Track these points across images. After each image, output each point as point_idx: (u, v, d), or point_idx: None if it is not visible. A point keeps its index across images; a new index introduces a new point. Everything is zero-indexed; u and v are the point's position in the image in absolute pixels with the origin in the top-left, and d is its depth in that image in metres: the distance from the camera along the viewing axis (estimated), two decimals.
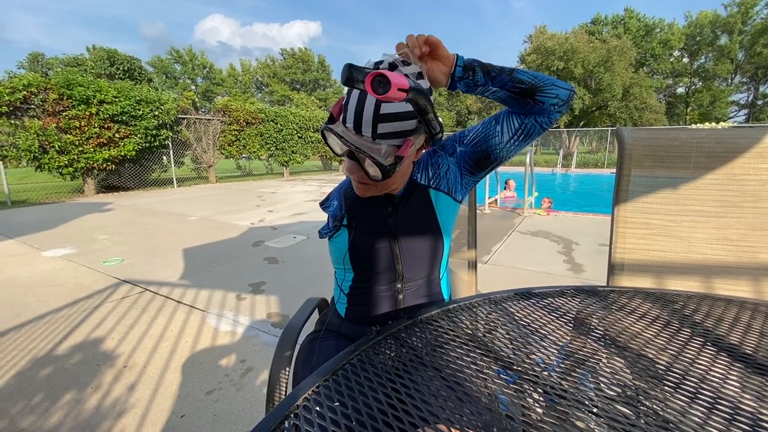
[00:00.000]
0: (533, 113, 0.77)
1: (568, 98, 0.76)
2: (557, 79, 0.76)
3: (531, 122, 0.78)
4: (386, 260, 0.85)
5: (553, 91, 0.74)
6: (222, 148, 11.92)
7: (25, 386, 1.75)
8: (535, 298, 0.81)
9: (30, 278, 3.20)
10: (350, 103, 0.69)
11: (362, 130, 0.68)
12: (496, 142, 0.81)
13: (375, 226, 0.85)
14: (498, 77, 0.73)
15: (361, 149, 0.68)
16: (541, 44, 26.08)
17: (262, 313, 2.51)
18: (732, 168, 1.16)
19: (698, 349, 0.61)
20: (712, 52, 31.62)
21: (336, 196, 0.94)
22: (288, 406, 0.46)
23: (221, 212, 6.39)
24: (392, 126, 0.68)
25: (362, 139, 0.69)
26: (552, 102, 0.75)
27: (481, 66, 0.73)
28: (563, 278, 3.19)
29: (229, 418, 1.54)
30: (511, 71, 0.74)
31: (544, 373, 0.54)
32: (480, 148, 0.84)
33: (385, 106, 0.67)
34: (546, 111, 0.76)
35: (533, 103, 0.75)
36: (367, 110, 0.67)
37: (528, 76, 0.74)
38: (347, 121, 0.69)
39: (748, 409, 0.47)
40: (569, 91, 0.76)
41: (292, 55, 44.62)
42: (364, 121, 0.67)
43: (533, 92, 0.74)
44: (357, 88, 0.59)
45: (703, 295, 0.85)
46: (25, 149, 7.33)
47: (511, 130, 0.80)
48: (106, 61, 25.25)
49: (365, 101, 0.67)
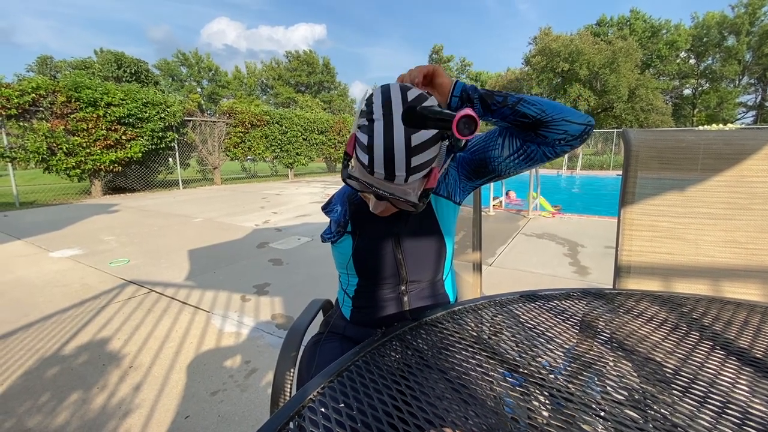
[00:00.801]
0: (536, 143, 0.72)
1: (580, 134, 0.69)
2: (573, 112, 0.69)
3: (534, 148, 0.73)
4: (390, 265, 0.85)
5: (561, 127, 0.68)
6: (227, 150, 11.99)
7: (32, 386, 1.76)
8: (540, 301, 0.80)
9: (38, 278, 3.23)
10: (375, 144, 0.63)
11: (395, 173, 0.64)
12: (495, 154, 0.78)
13: (379, 232, 0.85)
14: (498, 110, 0.69)
15: (393, 194, 0.65)
16: (546, 46, 26.03)
17: (267, 315, 2.51)
18: (741, 170, 1.15)
19: (707, 353, 0.60)
20: (719, 54, 31.35)
21: (339, 201, 0.93)
22: (294, 406, 0.46)
23: (226, 214, 6.43)
24: (422, 157, 0.64)
25: (394, 185, 0.66)
26: (557, 137, 0.69)
27: (480, 97, 0.68)
28: (569, 281, 3.16)
29: (234, 419, 1.55)
30: (515, 102, 0.68)
31: (551, 376, 0.54)
32: (479, 156, 0.81)
33: (415, 137, 0.63)
34: (550, 144, 0.71)
35: (535, 136, 0.71)
36: (398, 148, 0.63)
37: (534, 110, 0.68)
38: (375, 166, 0.64)
39: (759, 414, 0.46)
40: (584, 125, 0.69)
41: (297, 58, 44.84)
42: (396, 165, 0.63)
43: (537, 127, 0.69)
44: (428, 128, 0.58)
45: (711, 298, 0.84)
46: (34, 151, 7.42)
47: (512, 147, 0.75)
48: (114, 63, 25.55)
49: (393, 139, 0.63)
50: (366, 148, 0.65)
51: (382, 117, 0.64)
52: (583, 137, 0.70)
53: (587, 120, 0.69)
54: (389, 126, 0.63)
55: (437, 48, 46.24)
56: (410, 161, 0.63)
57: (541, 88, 28.44)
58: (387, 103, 0.64)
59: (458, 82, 0.70)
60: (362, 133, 0.66)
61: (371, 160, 0.64)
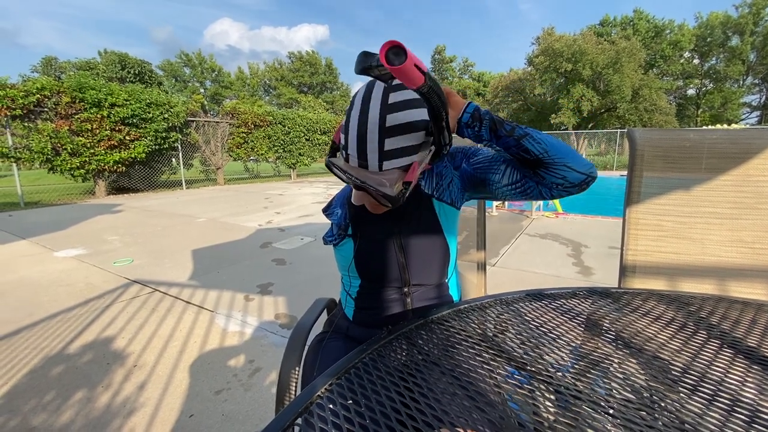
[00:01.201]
0: (535, 181, 0.71)
1: (579, 183, 0.68)
2: (577, 159, 0.67)
3: (532, 185, 0.72)
4: (393, 269, 0.85)
5: (560, 171, 0.67)
6: (230, 151, 12.03)
7: (38, 384, 1.77)
8: (547, 299, 0.80)
9: (42, 278, 3.25)
10: (351, 124, 0.65)
11: (367, 157, 0.64)
12: (494, 179, 0.77)
13: (380, 235, 0.85)
14: (504, 139, 0.68)
15: (366, 182, 0.64)
16: (549, 46, 25.95)
17: (270, 314, 2.52)
18: (747, 169, 1.14)
19: (715, 352, 0.60)
20: (723, 54, 31.20)
21: (339, 204, 0.92)
22: (302, 403, 0.46)
23: (229, 214, 6.44)
24: (398, 141, 0.63)
25: (367, 172, 0.65)
26: (555, 181, 0.68)
27: (490, 122, 0.68)
28: (573, 281, 3.15)
29: (238, 418, 1.55)
30: (521, 135, 0.67)
31: (558, 374, 0.53)
32: (480, 175, 0.80)
33: (391, 117, 0.62)
34: (547, 185, 0.70)
35: (533, 174, 0.70)
36: (371, 128, 0.63)
37: (538, 148, 0.67)
38: (349, 148, 0.65)
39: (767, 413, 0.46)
40: (585, 175, 0.67)
41: (299, 59, 44.93)
42: (369, 146, 0.63)
43: (537, 165, 0.68)
44: (373, 75, 0.55)
45: (718, 298, 0.83)
46: (38, 151, 7.47)
47: (511, 178, 0.74)
48: (118, 64, 25.69)
49: (368, 119, 0.63)
50: (344, 127, 0.66)
51: (361, 100, 0.66)
52: (582, 187, 0.69)
53: (589, 171, 0.68)
54: (365, 108, 0.64)
55: (440, 48, 46.22)
56: (383, 143, 0.63)
57: (544, 88, 28.37)
58: (369, 86, 0.66)
59: (471, 102, 0.70)
60: (345, 120, 0.68)
61: (346, 143, 0.65)
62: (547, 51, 26.14)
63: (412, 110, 0.64)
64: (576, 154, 0.68)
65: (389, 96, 0.64)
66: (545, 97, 30.00)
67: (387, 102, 0.64)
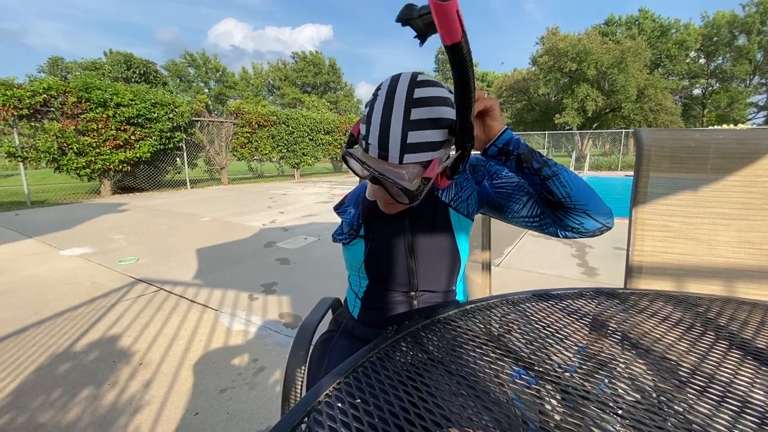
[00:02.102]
0: (553, 219, 0.72)
1: (594, 231, 0.69)
2: (599, 208, 0.67)
3: (549, 222, 0.73)
4: (402, 273, 0.85)
5: (579, 218, 0.68)
6: (234, 150, 12.08)
7: (44, 381, 1.79)
8: (553, 300, 0.80)
9: (49, 276, 3.27)
10: (374, 114, 0.63)
11: (388, 148, 0.62)
12: (514, 207, 0.77)
13: (392, 238, 0.84)
14: (530, 176, 0.68)
15: (384, 175, 0.62)
16: (554, 45, 25.85)
17: (274, 313, 2.52)
18: (755, 170, 1.13)
19: (723, 353, 0.60)
20: (729, 53, 30.94)
21: (352, 203, 0.91)
22: (310, 402, 0.46)
23: (234, 213, 6.47)
24: (421, 136, 0.62)
25: (386, 164, 0.63)
26: (571, 225, 0.69)
27: (518, 157, 0.67)
28: (578, 281, 3.14)
29: (242, 416, 1.56)
30: (548, 176, 0.66)
31: (566, 374, 0.53)
32: (500, 200, 0.80)
33: (416, 111, 0.61)
34: (563, 227, 0.71)
35: (552, 214, 0.70)
36: (395, 120, 0.61)
37: (562, 192, 0.66)
38: (370, 138, 0.63)
39: None
40: (602, 226, 0.69)
41: (303, 59, 45.01)
42: (391, 137, 0.61)
43: (557, 208, 0.69)
44: (413, 26, 0.50)
45: (726, 299, 0.83)
46: (45, 151, 7.53)
47: (531, 211, 0.75)
48: (123, 65, 25.85)
49: (392, 111, 0.61)
50: (366, 117, 0.65)
51: (385, 93, 0.64)
52: (596, 234, 0.70)
53: (606, 222, 0.69)
54: (390, 100, 0.62)
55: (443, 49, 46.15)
56: (406, 136, 0.61)
57: (548, 88, 28.28)
58: (394, 80, 0.65)
59: (508, 130, 0.68)
60: (366, 108, 0.67)
61: (367, 133, 0.64)
62: (551, 50, 26.05)
63: (438, 107, 0.63)
64: (599, 202, 0.68)
65: (415, 91, 0.63)
66: (549, 96, 29.89)
67: (412, 96, 0.62)
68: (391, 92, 0.63)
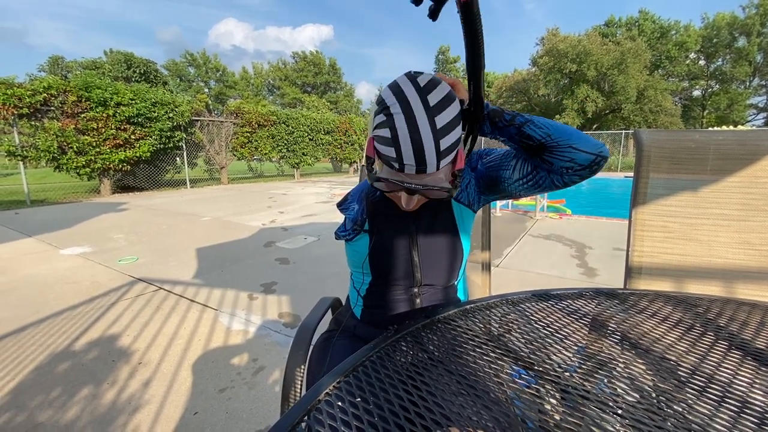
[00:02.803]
0: (545, 170, 0.71)
1: (589, 164, 0.67)
2: (583, 139, 0.66)
3: (543, 174, 0.72)
4: (406, 267, 0.85)
5: (567, 154, 0.66)
6: (234, 150, 12.07)
7: (44, 380, 1.79)
8: (553, 300, 0.80)
9: (48, 276, 3.27)
10: (400, 136, 0.62)
11: (426, 162, 0.63)
12: (506, 175, 0.78)
13: (396, 233, 0.85)
14: (505, 128, 0.70)
15: (426, 185, 0.65)
16: (554, 46, 25.89)
17: (274, 313, 2.52)
18: (754, 171, 1.13)
19: (723, 354, 0.60)
20: (729, 55, 30.94)
21: (356, 199, 0.92)
22: (310, 401, 0.46)
23: (233, 213, 6.47)
24: (449, 139, 0.64)
25: (424, 176, 0.65)
26: (563, 165, 0.67)
27: (488, 114, 0.70)
28: (577, 282, 3.14)
29: (242, 416, 1.56)
30: (521, 123, 0.68)
31: (566, 374, 0.53)
32: (492, 173, 0.81)
33: (439, 118, 0.62)
34: (557, 172, 0.69)
35: (542, 161, 0.70)
36: (425, 136, 0.62)
37: (540, 133, 0.67)
38: (405, 159, 0.63)
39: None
40: (593, 155, 0.66)
41: (303, 59, 45.02)
42: (426, 152, 0.62)
43: (542, 151, 0.68)
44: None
45: (726, 299, 0.83)
46: (45, 150, 7.53)
47: (523, 171, 0.75)
48: (123, 64, 25.85)
49: (419, 127, 0.62)
50: (390, 141, 0.63)
51: (400, 109, 0.63)
52: (593, 168, 0.67)
53: (598, 150, 0.66)
54: (410, 115, 0.62)
55: (444, 49, 46.16)
56: (439, 145, 0.63)
57: (548, 89, 28.30)
58: (400, 93, 0.64)
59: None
60: (382, 129, 0.65)
61: (399, 154, 0.63)
62: (551, 51, 26.08)
63: (452, 103, 0.65)
64: (581, 134, 0.67)
65: (427, 98, 0.63)
66: (549, 97, 29.91)
67: (429, 105, 0.63)
68: (406, 108, 0.63)
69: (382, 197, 0.88)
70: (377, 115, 0.67)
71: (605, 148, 0.67)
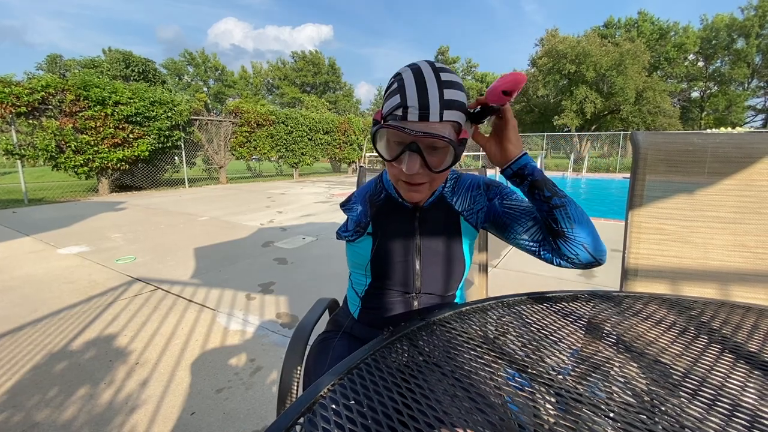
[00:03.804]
0: (552, 247, 0.75)
1: (587, 263, 0.72)
2: (596, 244, 0.71)
3: (548, 249, 0.75)
4: (407, 273, 0.85)
5: (576, 249, 0.71)
6: (233, 150, 12.06)
7: (41, 380, 1.79)
8: (548, 302, 0.80)
9: (46, 275, 3.27)
10: (406, 83, 0.67)
11: (429, 106, 0.66)
12: (517, 230, 0.79)
13: (401, 237, 0.85)
14: (539, 202, 0.72)
15: (428, 133, 0.66)
16: (553, 47, 25.91)
17: (272, 313, 2.52)
18: (750, 174, 1.14)
19: (716, 357, 0.60)
20: (728, 56, 31.01)
21: (360, 201, 0.92)
22: (306, 402, 0.46)
23: (232, 213, 6.46)
24: (453, 94, 0.67)
25: (428, 123, 0.67)
26: (567, 255, 0.72)
27: (531, 182, 0.72)
28: (574, 283, 3.15)
29: (239, 416, 1.56)
30: (554, 206, 0.70)
31: (559, 377, 0.54)
32: (506, 220, 0.81)
33: (443, 75, 0.67)
34: (558, 255, 0.74)
35: (552, 241, 0.73)
36: (429, 81, 0.66)
37: (566, 222, 0.70)
38: (408, 102, 0.66)
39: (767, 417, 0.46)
40: (594, 260, 0.72)
41: (302, 58, 44.98)
42: (429, 94, 0.66)
43: (558, 237, 0.72)
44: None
45: (720, 302, 0.83)
46: (43, 149, 7.50)
47: (533, 236, 0.77)
48: (122, 63, 25.78)
49: (423, 75, 0.67)
50: (396, 90, 0.68)
51: (411, 70, 0.69)
52: (589, 267, 0.74)
53: (600, 257, 0.72)
54: (418, 71, 0.68)
55: (443, 49, 46.18)
56: (443, 92, 0.66)
57: (547, 89, 28.32)
58: (414, 65, 0.71)
59: (526, 155, 0.73)
60: (390, 89, 0.70)
61: (404, 97, 0.67)
62: (550, 52, 26.10)
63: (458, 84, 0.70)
64: (596, 239, 0.72)
65: (436, 66, 0.70)
66: (548, 98, 29.94)
67: (437, 68, 0.69)
68: (416, 69, 0.69)
69: (386, 200, 0.88)
70: (389, 85, 0.72)
71: (605, 256, 0.73)
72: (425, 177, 0.73)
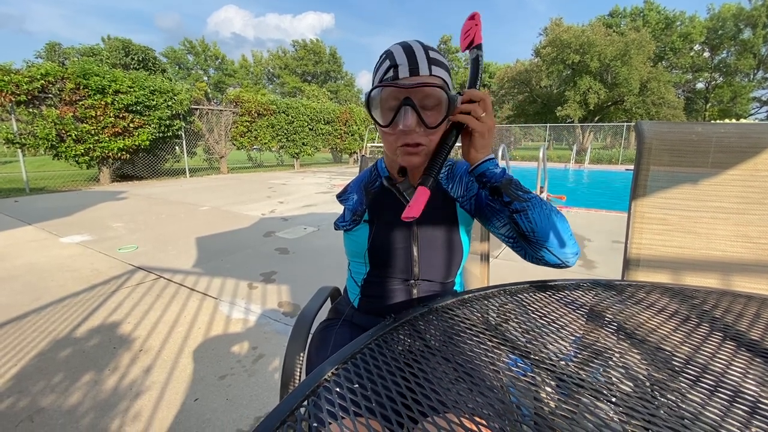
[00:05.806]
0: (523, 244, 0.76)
1: (554, 264, 0.73)
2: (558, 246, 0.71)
3: (521, 246, 0.76)
4: (405, 260, 0.86)
5: (539, 252, 0.72)
6: (234, 139, 12.01)
7: (46, 367, 1.81)
8: (550, 290, 0.80)
9: (49, 263, 3.28)
10: (395, 50, 0.71)
11: (417, 60, 0.69)
12: (496, 223, 0.80)
13: (398, 224, 0.85)
14: (499, 206, 0.73)
15: (420, 83, 0.67)
16: (557, 37, 25.59)
17: (273, 302, 2.54)
18: (755, 164, 1.13)
19: (717, 345, 0.60)
20: (734, 47, 30.62)
21: (355, 190, 0.92)
22: (310, 386, 0.47)
23: (233, 202, 6.46)
24: (438, 57, 0.72)
25: (419, 77, 0.69)
26: (532, 255, 0.74)
27: (491, 188, 0.72)
28: (576, 274, 3.16)
29: (242, 402, 1.58)
30: (514, 211, 0.70)
31: (561, 363, 0.54)
32: (487, 212, 0.82)
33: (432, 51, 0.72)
34: (529, 255, 0.76)
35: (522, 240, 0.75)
36: (415, 45, 0.71)
37: (527, 226, 0.70)
38: (397, 60, 0.69)
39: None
40: (560, 262, 0.73)
41: (303, 47, 44.53)
42: (417, 54, 0.69)
43: (523, 238, 0.73)
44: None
45: (722, 291, 0.84)
46: (43, 138, 7.48)
47: (509, 232, 0.78)
48: (121, 51, 25.55)
49: (410, 44, 0.71)
50: (385, 57, 0.72)
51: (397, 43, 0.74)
52: (558, 268, 0.75)
53: (565, 260, 0.73)
54: (405, 42, 0.72)
55: (445, 38, 45.64)
56: (428, 52, 0.70)
57: (550, 80, 28.03)
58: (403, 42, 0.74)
59: (487, 162, 0.72)
60: (380, 59, 0.74)
61: (393, 59, 0.70)
62: (554, 42, 25.78)
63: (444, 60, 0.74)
64: (560, 242, 0.71)
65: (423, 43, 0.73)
66: (551, 89, 29.65)
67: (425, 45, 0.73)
68: (402, 42, 0.73)
69: (382, 187, 0.88)
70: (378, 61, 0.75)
71: (573, 259, 0.73)
72: (422, 137, 0.71)
